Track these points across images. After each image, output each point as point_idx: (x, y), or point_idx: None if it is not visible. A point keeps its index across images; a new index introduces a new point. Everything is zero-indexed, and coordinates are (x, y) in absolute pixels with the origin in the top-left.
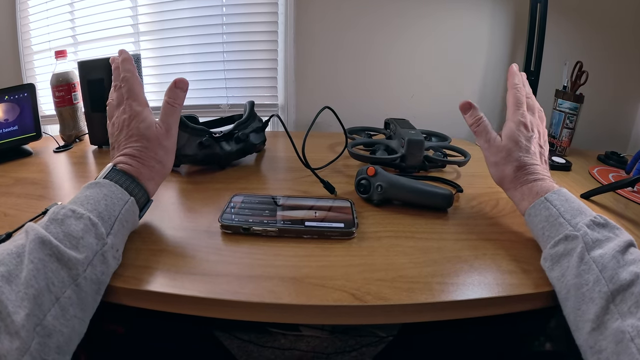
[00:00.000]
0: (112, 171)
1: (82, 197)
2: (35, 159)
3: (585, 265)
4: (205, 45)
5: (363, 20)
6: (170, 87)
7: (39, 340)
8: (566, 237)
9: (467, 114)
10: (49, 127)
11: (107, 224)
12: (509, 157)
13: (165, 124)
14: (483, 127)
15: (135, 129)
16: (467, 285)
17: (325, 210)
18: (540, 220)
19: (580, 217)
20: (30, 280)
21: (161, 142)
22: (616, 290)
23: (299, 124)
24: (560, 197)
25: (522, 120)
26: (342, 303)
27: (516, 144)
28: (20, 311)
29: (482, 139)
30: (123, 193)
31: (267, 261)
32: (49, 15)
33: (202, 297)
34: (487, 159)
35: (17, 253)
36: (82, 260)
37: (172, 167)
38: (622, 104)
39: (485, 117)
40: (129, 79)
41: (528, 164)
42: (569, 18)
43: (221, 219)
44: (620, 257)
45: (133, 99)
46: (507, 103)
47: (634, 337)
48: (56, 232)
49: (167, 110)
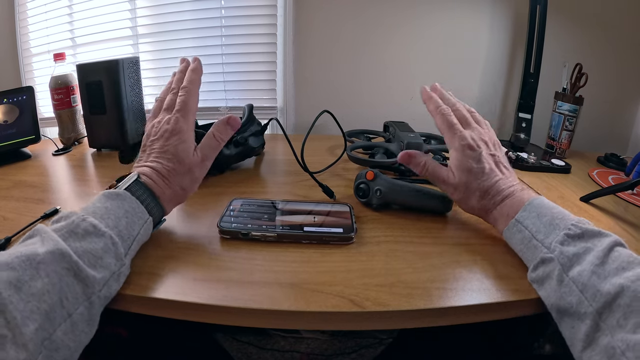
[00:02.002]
0: (136, 183)
1: (103, 209)
2: (34, 161)
3: (565, 288)
4: (204, 47)
5: (362, 22)
6: (222, 122)
7: (46, 353)
8: (542, 261)
9: (410, 164)
10: (47, 129)
11: (126, 244)
12: (468, 190)
13: (202, 154)
14: (432, 170)
15: (173, 147)
16: (466, 291)
17: (324, 214)
18: (517, 243)
19: (554, 234)
20: (43, 294)
21: (193, 170)
22: (601, 307)
23: (298, 127)
24: (530, 215)
25: (462, 143)
26: (341, 309)
27: (469, 173)
28: (29, 324)
29: (437, 182)
30: (143, 212)
31: (265, 267)
32: (47, 18)
33: (202, 304)
34: (450, 197)
35: (28, 257)
36: (99, 280)
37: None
38: (621, 106)
39: (429, 159)
40: (190, 91)
41: (489, 186)
42: (568, 20)
43: (220, 224)
44: (600, 270)
45: (183, 114)
46: (440, 130)
47: (625, 350)
48: (76, 247)
49: (211, 143)
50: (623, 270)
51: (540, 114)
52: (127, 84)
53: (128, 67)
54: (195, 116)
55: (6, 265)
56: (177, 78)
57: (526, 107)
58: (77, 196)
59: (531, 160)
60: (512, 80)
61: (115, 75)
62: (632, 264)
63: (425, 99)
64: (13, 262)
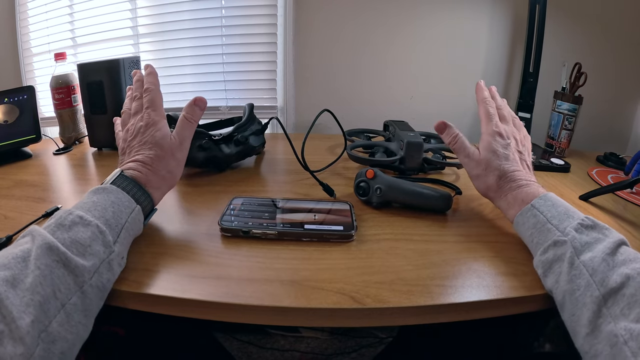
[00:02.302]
0: (120, 177)
1: (90, 202)
2: (35, 161)
3: (576, 270)
4: (204, 47)
5: (362, 22)
6: (189, 104)
7: (44, 346)
8: (555, 243)
9: (443, 133)
10: (48, 129)
11: (114, 231)
12: (489, 168)
13: (179, 136)
14: (460, 143)
15: (151, 137)
16: (465, 288)
17: (325, 212)
18: (529, 228)
19: (567, 221)
20: (36, 286)
21: (174, 152)
22: (607, 293)
23: (298, 126)
24: (546, 203)
25: (495, 130)
26: (341, 306)
27: (494, 154)
28: (25, 317)
29: (461, 155)
30: (130, 201)
31: (266, 264)
32: (48, 17)
33: (202, 300)
34: (469, 173)
35: (22, 257)
36: (89, 268)
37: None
38: (621, 105)
39: (461, 133)
40: (153, 91)
41: (509, 171)
42: (568, 19)
43: (221, 222)
44: (610, 259)
45: (153, 108)
46: (480, 117)
47: (627, 340)
48: (63, 239)
49: (183, 124)
50: (630, 262)
51: (539, 113)
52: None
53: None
54: (164, 111)
55: (2, 266)
56: (135, 87)
57: (526, 106)
58: (78, 195)
59: (530, 160)
60: (512, 79)
61: (116, 74)
62: (638, 259)
63: (477, 89)
64: (8, 263)
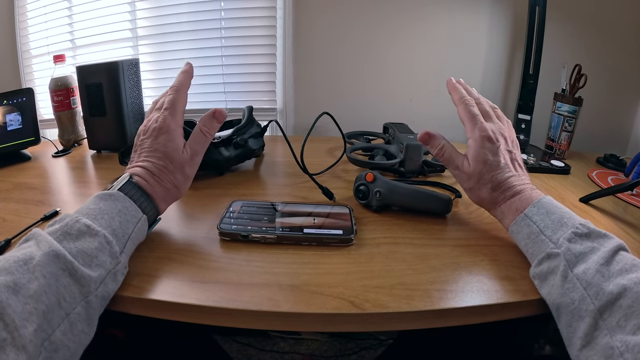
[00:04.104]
0: (128, 184)
1: (96, 209)
2: (34, 163)
3: (569, 284)
4: (203, 49)
5: (361, 24)
6: (207, 116)
7: (46, 355)
8: (548, 256)
9: (428, 144)
10: (47, 131)
11: (121, 242)
12: (481, 180)
13: (192, 150)
14: (448, 154)
15: (162, 146)
16: (465, 292)
17: (324, 216)
18: (523, 238)
19: (561, 230)
20: (40, 295)
21: (184, 167)
22: (603, 306)
23: (297, 128)
24: (539, 211)
25: (482, 134)
26: (340, 311)
27: (484, 164)
28: (28, 325)
29: (450, 167)
30: (137, 210)
31: (265, 268)
32: (47, 20)
33: (201, 305)
34: (461, 184)
35: (24, 261)
36: (95, 279)
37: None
38: (621, 107)
39: (447, 143)
40: (178, 91)
41: (502, 181)
42: (568, 21)
43: (220, 226)
44: (604, 270)
45: (171, 112)
46: (461, 119)
47: (623, 352)
48: (70, 248)
49: (198, 137)
50: (626, 272)
51: (539, 115)
52: (127, 85)
53: (128, 69)
54: (183, 115)
55: (4, 271)
56: (176, 79)
57: (525, 108)
58: (77, 198)
59: (530, 162)
60: (512, 81)
61: (115, 77)
62: (635, 267)
63: (451, 89)
64: (10, 267)
